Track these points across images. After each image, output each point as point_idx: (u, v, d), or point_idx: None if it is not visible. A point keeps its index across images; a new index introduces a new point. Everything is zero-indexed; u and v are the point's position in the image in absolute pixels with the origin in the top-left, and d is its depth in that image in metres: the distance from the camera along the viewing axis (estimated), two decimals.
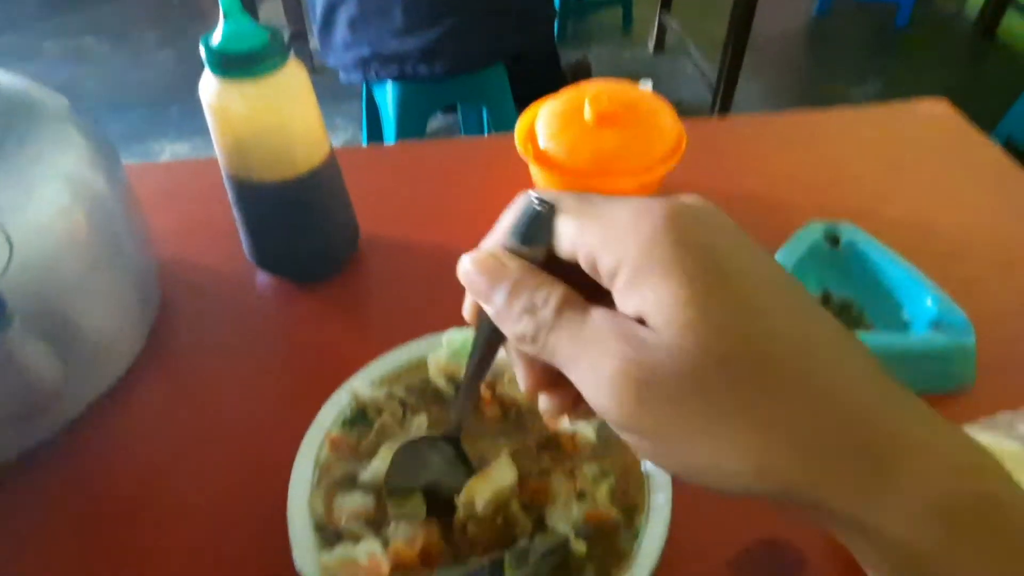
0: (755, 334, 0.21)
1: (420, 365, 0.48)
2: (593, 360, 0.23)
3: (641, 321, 0.23)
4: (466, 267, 0.27)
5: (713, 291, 0.21)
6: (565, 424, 0.43)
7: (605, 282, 0.24)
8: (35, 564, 0.44)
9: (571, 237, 0.24)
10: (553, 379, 0.27)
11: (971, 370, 0.51)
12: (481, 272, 0.26)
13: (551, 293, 0.24)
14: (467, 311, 0.29)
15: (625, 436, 0.24)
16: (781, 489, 0.22)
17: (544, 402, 0.28)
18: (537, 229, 0.25)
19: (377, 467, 0.42)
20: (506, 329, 0.26)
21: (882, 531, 0.21)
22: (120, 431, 0.51)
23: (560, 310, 0.24)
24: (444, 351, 0.48)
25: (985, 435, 0.42)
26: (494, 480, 0.40)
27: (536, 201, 0.25)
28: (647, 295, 0.22)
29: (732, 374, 0.21)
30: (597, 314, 0.24)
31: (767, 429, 0.21)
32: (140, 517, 0.46)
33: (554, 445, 0.44)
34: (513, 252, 0.26)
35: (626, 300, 0.23)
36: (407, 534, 0.39)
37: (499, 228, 0.27)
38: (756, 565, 0.43)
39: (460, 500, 0.39)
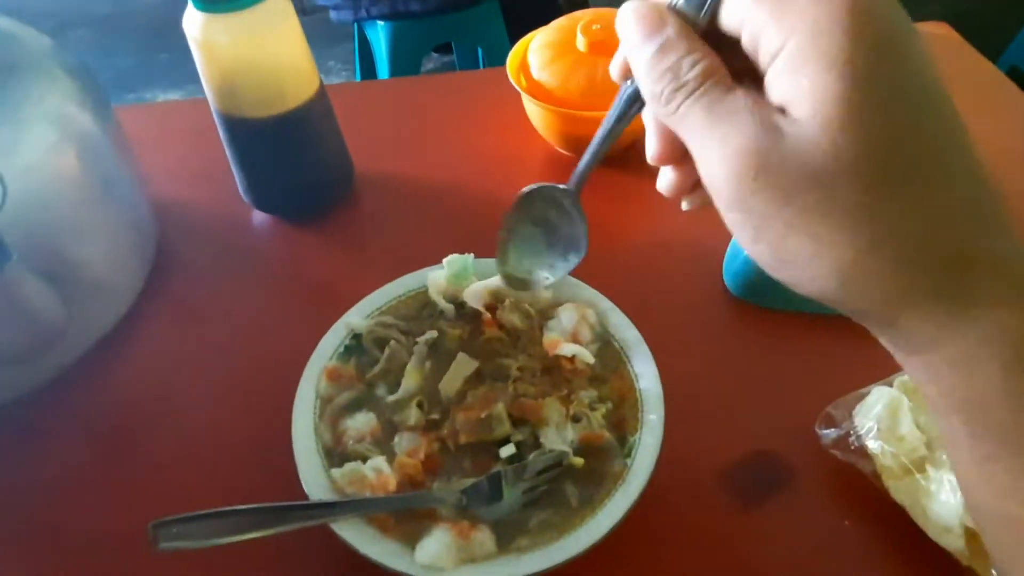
0: (894, 150, 0.21)
1: (416, 295, 0.49)
2: (723, 133, 0.23)
3: (783, 112, 0.22)
4: (626, 13, 0.26)
5: (869, 96, 0.21)
6: (565, 349, 0.44)
7: (763, 61, 0.23)
8: (46, 492, 0.45)
9: (743, 5, 0.23)
10: (680, 155, 0.27)
11: None
12: (639, 21, 0.25)
13: (700, 60, 0.24)
14: (615, 66, 0.29)
15: (729, 217, 0.24)
16: (862, 300, 0.23)
17: (665, 178, 0.29)
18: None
19: (410, 384, 0.44)
20: (645, 85, 0.25)
21: (945, 361, 0.23)
22: (125, 368, 0.52)
23: (703, 78, 0.24)
24: (444, 272, 0.48)
25: None
26: (458, 371, 0.44)
27: None
28: (802, 82, 0.21)
29: (858, 182, 0.21)
30: (740, 92, 0.23)
31: (871, 244, 0.22)
32: (148, 448, 0.48)
33: (554, 369, 0.45)
34: (677, 12, 0.25)
35: (778, 84, 0.22)
36: (410, 445, 0.41)
37: None
38: (746, 476, 0.44)
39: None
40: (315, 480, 0.40)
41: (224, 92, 0.53)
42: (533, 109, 0.63)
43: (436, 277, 0.49)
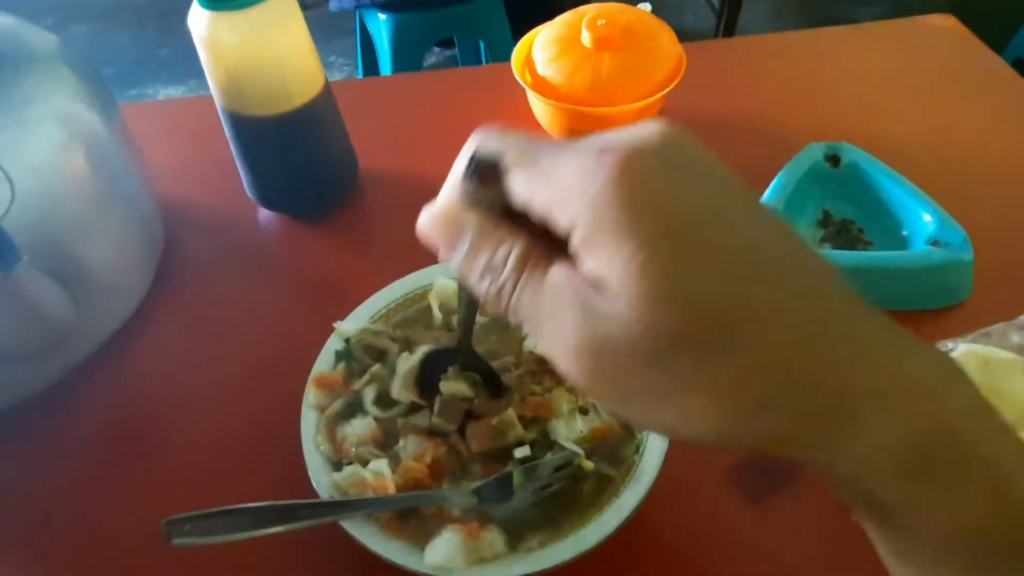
0: (711, 302, 0.20)
1: (414, 297, 0.49)
2: (553, 327, 0.22)
3: (598, 288, 0.21)
4: (422, 225, 0.26)
5: (667, 258, 0.20)
6: None
7: (563, 237, 0.22)
8: (57, 491, 0.46)
9: (521, 193, 0.23)
10: None
11: (968, 285, 0.52)
12: (438, 231, 0.25)
13: (511, 250, 0.23)
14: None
15: (591, 394, 0.24)
16: (744, 445, 0.22)
17: None
18: (487, 179, 0.24)
19: (405, 368, 0.44)
20: (474, 284, 0.24)
21: (843, 475, 0.22)
22: (134, 366, 0.52)
23: (519, 269, 0.23)
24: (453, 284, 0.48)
25: (978, 345, 0.43)
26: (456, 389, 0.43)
27: (476, 159, 0.24)
28: (602, 258, 0.21)
29: (686, 345, 0.20)
30: (555, 274, 0.22)
31: (724, 396, 0.21)
32: (156, 446, 0.48)
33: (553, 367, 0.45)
34: (471, 201, 0.24)
35: (583, 261, 0.21)
36: (416, 449, 0.41)
37: (454, 174, 0.25)
38: (753, 473, 0.44)
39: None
40: (325, 478, 0.40)
41: (230, 90, 0.53)
42: (538, 105, 0.63)
43: (444, 286, 0.48)
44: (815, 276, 0.22)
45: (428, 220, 0.26)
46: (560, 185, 0.22)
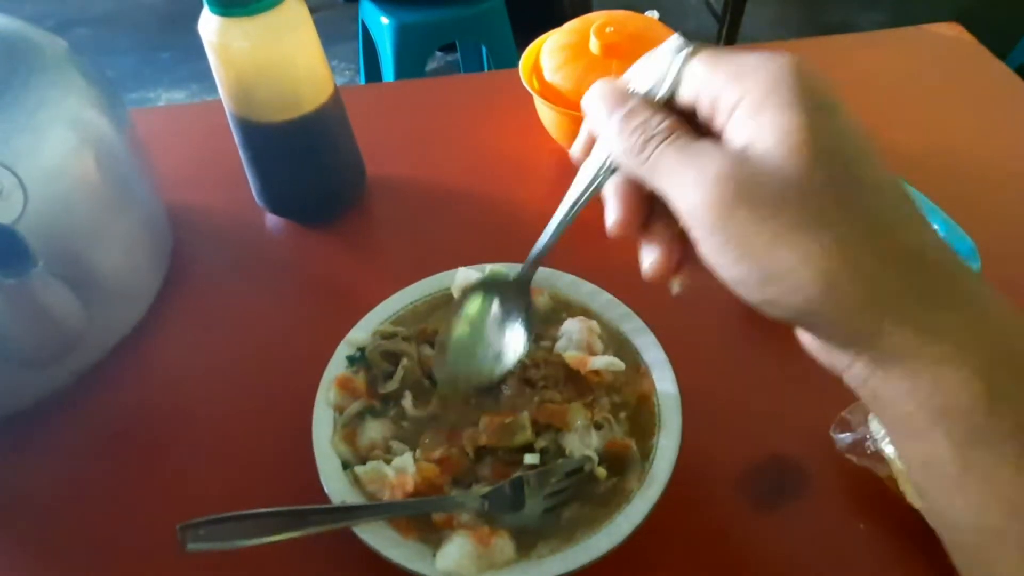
0: (857, 169, 0.25)
1: (424, 303, 0.49)
2: (698, 166, 0.26)
3: (745, 151, 0.25)
4: (592, 94, 0.30)
5: (825, 124, 0.25)
6: (597, 363, 0.44)
7: (720, 118, 0.26)
8: (69, 495, 0.46)
9: (699, 77, 0.27)
10: (640, 220, 0.30)
11: None
12: (605, 97, 0.29)
13: (665, 118, 0.27)
14: (577, 146, 0.32)
15: (711, 242, 0.26)
16: (843, 306, 0.24)
17: (649, 258, 0.31)
18: (669, 70, 0.28)
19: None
20: (617, 144, 0.28)
21: (926, 366, 0.24)
22: (144, 371, 0.52)
23: (670, 130, 0.27)
24: (477, 276, 0.49)
25: None
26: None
27: (684, 41, 0.28)
28: (763, 122, 0.25)
29: (829, 193, 0.24)
30: (703, 141, 0.26)
31: (850, 246, 0.24)
32: (166, 451, 0.48)
33: (577, 377, 0.45)
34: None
35: (739, 129, 0.26)
36: (431, 446, 0.41)
37: (628, 72, 0.30)
38: (762, 480, 0.44)
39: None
40: (336, 482, 0.40)
41: (240, 96, 0.53)
42: (546, 112, 0.64)
43: (467, 277, 0.49)
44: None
45: (597, 90, 0.30)
46: (741, 65, 0.26)
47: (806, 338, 0.30)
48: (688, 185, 0.26)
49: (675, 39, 0.28)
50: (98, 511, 0.45)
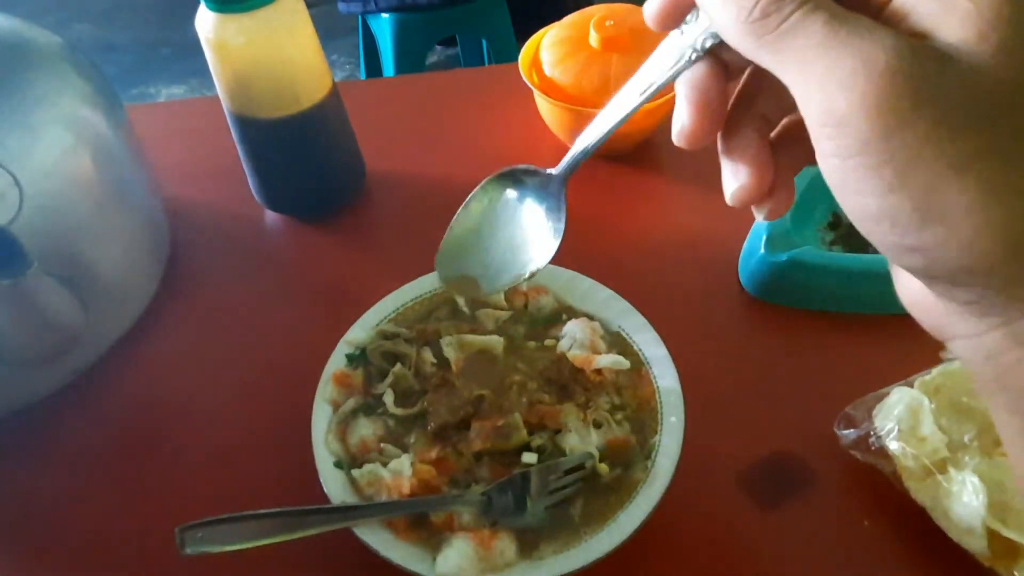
0: None
1: (423, 301, 0.49)
2: (859, 52, 0.18)
3: (925, 39, 0.19)
4: None
5: None
6: (601, 361, 0.44)
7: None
8: (67, 495, 0.46)
9: None
10: (716, 128, 0.24)
11: None
12: None
13: None
14: (654, 8, 0.24)
15: (858, 160, 0.19)
16: (1013, 270, 0.19)
17: (736, 180, 0.24)
18: None
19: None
20: (724, 7, 0.20)
21: None
22: (142, 369, 0.52)
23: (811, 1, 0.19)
24: None
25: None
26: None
27: None
28: (959, 3, 0.18)
29: None
30: (862, 16, 0.19)
31: None
32: (165, 451, 0.48)
33: (567, 381, 0.44)
34: None
35: (921, 8, 0.19)
36: (423, 448, 0.41)
37: None
38: (765, 477, 0.44)
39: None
40: (336, 483, 0.40)
41: (237, 93, 0.53)
42: (545, 106, 0.63)
43: None
44: None
45: None
46: None
47: (915, 292, 0.24)
48: (841, 76, 0.19)
49: None
50: (96, 512, 0.45)
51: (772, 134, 0.23)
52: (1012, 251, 0.19)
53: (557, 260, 0.49)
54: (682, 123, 0.24)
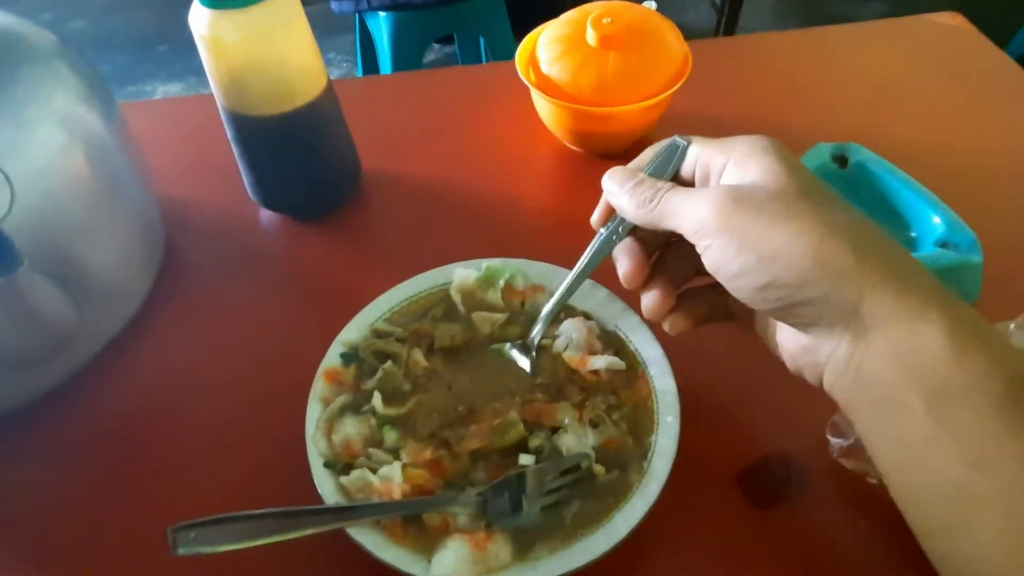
0: (821, 187, 0.33)
1: (418, 300, 0.49)
2: (700, 193, 0.34)
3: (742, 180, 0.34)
4: (607, 174, 0.39)
5: (795, 164, 0.33)
6: (597, 362, 0.44)
7: (713, 179, 0.36)
8: (59, 496, 0.45)
9: (696, 153, 0.37)
10: (647, 272, 0.39)
11: (977, 288, 0.51)
12: (618, 174, 0.39)
13: (667, 183, 0.37)
14: (596, 216, 0.41)
15: (717, 243, 0.33)
16: (831, 276, 0.30)
17: (648, 301, 0.40)
18: (670, 159, 0.38)
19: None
20: (631, 204, 0.37)
21: (903, 323, 0.29)
22: (136, 369, 0.52)
23: (672, 185, 0.36)
24: (475, 273, 0.49)
25: None
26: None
27: (681, 138, 0.38)
28: (750, 166, 0.33)
29: (806, 197, 0.32)
30: (699, 189, 0.36)
31: (831, 227, 0.31)
32: (159, 451, 0.48)
33: (564, 383, 0.44)
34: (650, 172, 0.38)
35: (728, 177, 0.34)
36: (416, 450, 0.41)
37: (635, 161, 0.39)
38: (763, 480, 0.44)
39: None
40: (329, 483, 0.40)
41: (232, 90, 0.53)
42: (543, 104, 0.63)
43: (465, 275, 0.48)
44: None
45: (613, 170, 0.39)
46: (726, 140, 0.36)
47: (788, 341, 0.36)
48: (693, 205, 0.34)
49: (677, 138, 0.38)
50: (89, 513, 0.45)
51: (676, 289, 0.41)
52: (818, 262, 0.30)
53: (554, 260, 0.50)
54: (624, 269, 0.40)
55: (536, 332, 0.45)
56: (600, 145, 0.66)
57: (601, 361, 0.43)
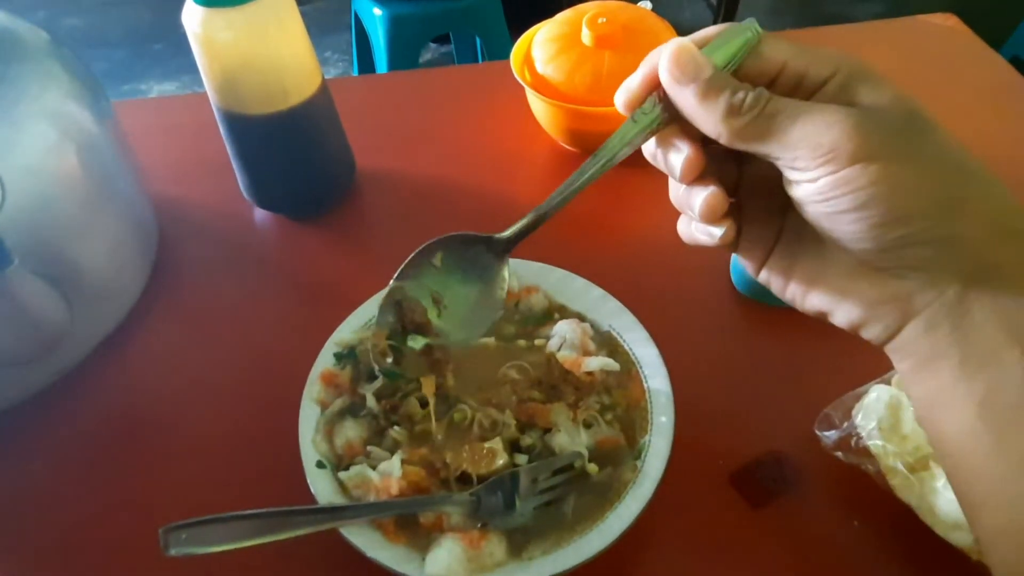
0: (934, 129, 0.29)
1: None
2: (826, 111, 0.28)
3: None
4: (672, 52, 0.29)
5: (913, 99, 0.29)
6: (591, 364, 0.44)
7: (805, 88, 0.29)
8: (51, 496, 0.45)
9: (782, 51, 0.29)
10: (705, 165, 0.31)
11: None
12: (689, 60, 0.29)
13: (765, 91, 0.29)
14: (626, 95, 0.31)
15: (846, 174, 0.27)
16: (973, 217, 0.28)
17: (704, 197, 0.31)
18: (740, 51, 0.29)
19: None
20: (717, 107, 0.28)
21: (1014, 275, 0.28)
22: (129, 369, 0.51)
23: (772, 96, 0.29)
24: None
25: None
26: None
27: (754, 27, 0.30)
28: (864, 91, 0.28)
29: (929, 127, 0.28)
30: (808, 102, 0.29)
31: (976, 169, 0.28)
32: (152, 450, 0.47)
33: (557, 381, 0.44)
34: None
35: (838, 96, 0.29)
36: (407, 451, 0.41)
37: (691, 40, 0.30)
38: (756, 478, 0.44)
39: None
40: (323, 483, 0.40)
41: (225, 89, 0.52)
42: (538, 104, 0.63)
43: None
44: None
45: (680, 50, 0.29)
46: (822, 50, 0.29)
47: (867, 287, 0.31)
48: (821, 126, 0.27)
49: (751, 21, 0.30)
50: (81, 512, 0.44)
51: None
52: (968, 205, 0.28)
53: (548, 259, 0.49)
54: (682, 159, 0.31)
55: (515, 228, 0.34)
56: (595, 145, 0.65)
57: (595, 363, 0.43)
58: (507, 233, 0.34)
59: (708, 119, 0.29)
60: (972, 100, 0.70)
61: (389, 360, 0.39)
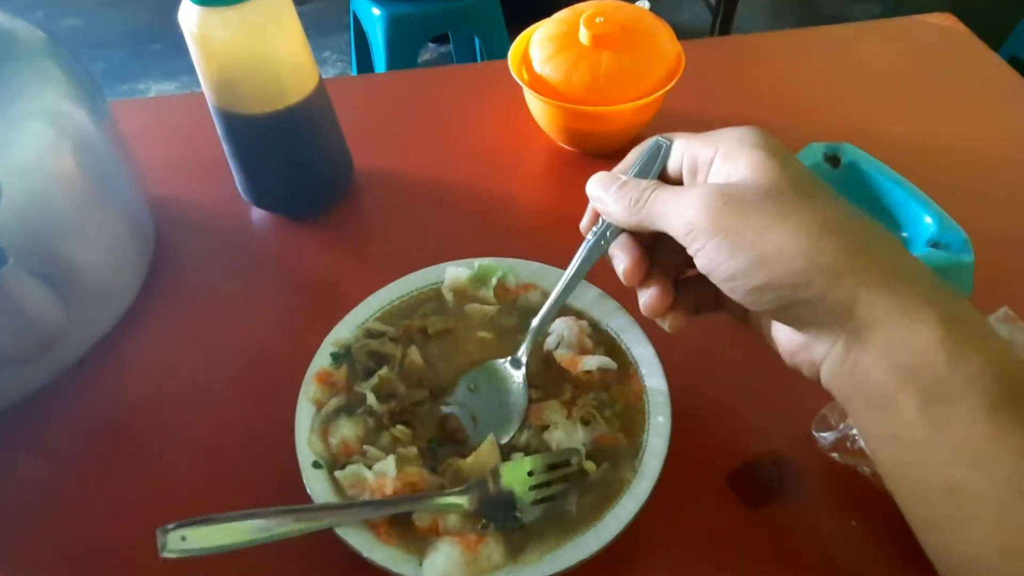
0: (813, 182, 0.32)
1: (408, 300, 0.48)
2: (690, 192, 0.33)
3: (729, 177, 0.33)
4: (591, 180, 0.38)
5: (785, 158, 0.33)
6: (588, 363, 0.44)
7: (700, 175, 0.35)
8: (46, 497, 0.45)
9: (680, 148, 0.36)
10: (646, 268, 0.38)
11: (968, 287, 0.51)
12: (602, 179, 0.38)
13: (653, 182, 0.36)
14: (584, 222, 0.41)
15: (709, 244, 0.31)
16: (826, 273, 0.29)
17: (645, 297, 0.38)
18: (655, 159, 0.37)
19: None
20: (617, 205, 0.36)
21: (897, 324, 0.29)
22: (125, 369, 0.51)
23: (657, 184, 0.35)
24: (467, 272, 0.49)
25: None
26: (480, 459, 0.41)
27: (663, 137, 0.37)
28: (738, 161, 0.33)
29: (798, 194, 0.31)
30: (684, 187, 0.35)
31: (825, 227, 0.30)
32: (149, 450, 0.47)
33: (558, 379, 0.44)
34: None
35: (717, 173, 0.34)
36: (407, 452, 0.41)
37: (618, 165, 0.39)
38: (754, 478, 0.44)
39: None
40: (319, 483, 0.40)
41: (222, 88, 0.52)
42: (535, 103, 0.63)
43: (457, 274, 0.48)
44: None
45: (598, 175, 0.38)
46: (712, 133, 0.35)
47: (784, 337, 0.35)
48: (682, 207, 0.32)
49: (659, 137, 0.37)
50: (77, 512, 0.44)
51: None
52: (813, 264, 0.30)
53: (546, 259, 0.49)
54: (622, 267, 0.38)
55: (524, 347, 0.44)
56: (593, 144, 0.65)
57: (593, 362, 0.43)
58: (519, 353, 0.44)
59: (619, 218, 0.36)
60: (970, 100, 0.70)
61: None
